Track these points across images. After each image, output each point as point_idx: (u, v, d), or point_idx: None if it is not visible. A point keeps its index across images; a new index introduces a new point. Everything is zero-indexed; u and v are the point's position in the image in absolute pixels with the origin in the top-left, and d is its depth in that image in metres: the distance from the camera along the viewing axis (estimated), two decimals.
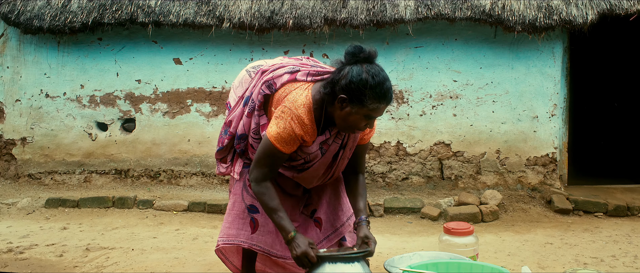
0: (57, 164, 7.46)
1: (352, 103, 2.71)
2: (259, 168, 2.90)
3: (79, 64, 7.37)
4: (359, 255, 2.84)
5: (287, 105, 2.82)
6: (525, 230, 5.60)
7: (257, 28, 6.68)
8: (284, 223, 2.87)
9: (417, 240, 5.29)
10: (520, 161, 6.79)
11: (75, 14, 6.94)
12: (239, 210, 3.17)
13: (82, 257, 4.65)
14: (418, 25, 6.62)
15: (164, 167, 7.30)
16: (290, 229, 2.85)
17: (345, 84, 2.70)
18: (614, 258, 4.63)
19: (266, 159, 2.88)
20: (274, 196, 2.90)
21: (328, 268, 2.78)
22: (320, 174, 3.12)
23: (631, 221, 5.94)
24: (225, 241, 3.17)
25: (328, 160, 3.07)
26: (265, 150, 2.87)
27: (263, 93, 2.98)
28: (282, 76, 2.99)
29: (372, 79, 2.69)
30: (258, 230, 3.16)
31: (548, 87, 6.71)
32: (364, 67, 2.72)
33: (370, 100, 2.70)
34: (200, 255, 4.69)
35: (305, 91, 2.87)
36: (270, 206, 2.89)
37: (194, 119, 7.23)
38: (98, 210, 6.54)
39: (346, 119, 2.78)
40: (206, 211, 6.42)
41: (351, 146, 3.11)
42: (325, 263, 2.80)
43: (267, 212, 2.92)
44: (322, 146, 2.98)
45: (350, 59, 2.78)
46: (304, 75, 2.96)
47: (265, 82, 2.99)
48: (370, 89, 2.68)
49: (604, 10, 6.29)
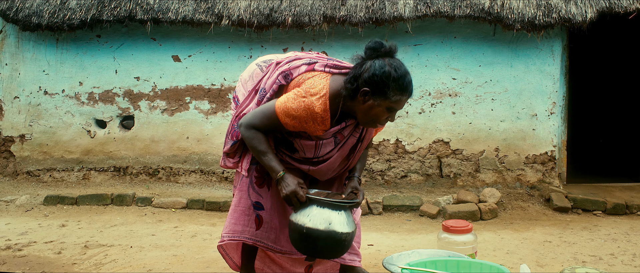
0: (56, 162, 7.45)
1: (375, 95, 2.77)
2: (252, 118, 2.95)
3: (78, 61, 7.36)
4: (347, 204, 2.91)
5: (303, 89, 2.87)
6: (524, 228, 5.60)
7: (256, 25, 6.67)
8: (273, 164, 2.93)
9: (415, 238, 5.29)
10: (519, 159, 6.79)
11: (73, 11, 6.93)
12: (244, 207, 3.17)
13: (80, 254, 4.64)
14: (417, 23, 6.62)
15: (162, 164, 7.29)
16: (279, 169, 2.92)
17: (368, 77, 2.76)
18: (612, 256, 4.63)
19: (262, 116, 2.93)
20: (263, 140, 2.95)
21: (315, 210, 2.85)
22: (335, 166, 3.14)
23: (630, 220, 5.94)
24: (231, 237, 3.17)
25: (345, 153, 3.11)
26: (267, 109, 2.93)
27: (279, 83, 3.01)
28: (299, 67, 3.03)
29: (395, 72, 2.75)
30: (262, 227, 3.17)
31: (547, 86, 6.71)
32: (386, 61, 2.78)
33: (393, 92, 2.75)
34: (198, 253, 4.69)
35: (323, 80, 2.90)
36: (259, 149, 2.94)
37: (192, 116, 7.22)
38: (97, 207, 6.54)
39: (368, 113, 2.83)
40: (205, 208, 6.42)
41: (368, 139, 3.17)
42: (313, 205, 2.87)
43: (257, 155, 2.97)
44: (335, 135, 3.00)
45: (371, 54, 2.83)
46: (321, 66, 3.00)
47: (282, 73, 3.02)
48: (393, 81, 2.74)
49: (603, 8, 6.29)
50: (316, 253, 2.96)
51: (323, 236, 2.81)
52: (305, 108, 2.82)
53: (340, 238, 2.84)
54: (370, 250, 4.71)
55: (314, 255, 2.99)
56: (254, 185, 3.15)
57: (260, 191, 3.14)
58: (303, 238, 2.86)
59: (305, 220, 2.84)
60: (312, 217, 2.84)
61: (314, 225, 2.81)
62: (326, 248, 2.87)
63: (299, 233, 2.86)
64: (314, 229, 2.81)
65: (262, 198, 3.14)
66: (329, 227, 2.81)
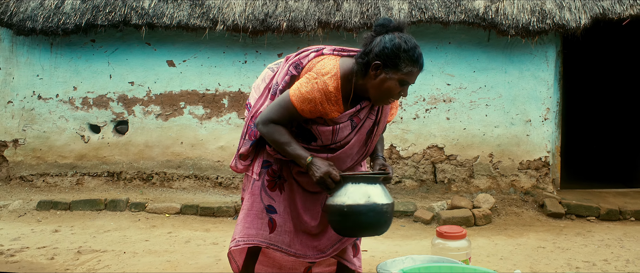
0: (49, 167, 7.42)
1: (386, 68, 2.77)
2: (268, 113, 2.92)
3: (72, 66, 7.35)
4: (381, 176, 2.89)
5: (314, 71, 2.88)
6: (518, 234, 5.60)
7: (250, 30, 6.67)
8: (299, 151, 2.89)
9: (410, 244, 5.29)
10: (513, 165, 6.80)
11: (68, 15, 6.92)
12: (257, 210, 3.15)
13: (73, 260, 4.62)
14: (412, 28, 6.62)
15: (156, 170, 7.28)
16: (306, 154, 2.88)
17: (379, 50, 2.77)
18: (606, 262, 4.64)
19: (278, 108, 2.91)
20: (283, 132, 2.92)
21: (351, 187, 2.80)
22: (354, 152, 3.12)
23: (623, 226, 5.95)
24: (247, 241, 3.13)
25: (363, 137, 3.09)
26: (281, 100, 2.91)
27: (291, 74, 3.01)
28: (308, 54, 3.05)
29: (405, 44, 2.76)
30: (276, 230, 3.15)
31: (541, 91, 6.73)
32: (395, 34, 2.80)
33: (405, 63, 2.76)
34: (192, 258, 4.67)
35: (333, 61, 2.92)
36: (282, 141, 2.91)
37: (187, 121, 7.21)
38: (90, 212, 6.51)
39: (380, 87, 2.83)
40: (199, 214, 6.40)
41: (384, 122, 3.15)
42: (348, 183, 2.82)
43: (280, 147, 2.93)
44: (352, 118, 2.99)
45: (381, 30, 2.85)
46: (330, 50, 3.03)
47: (292, 64, 3.03)
48: (404, 52, 2.75)
49: (597, 14, 6.31)
50: (361, 230, 2.91)
51: (365, 210, 2.76)
52: (319, 89, 2.82)
53: (383, 210, 2.80)
54: (364, 255, 4.71)
55: (359, 233, 2.94)
56: (266, 188, 3.14)
57: (273, 195, 3.13)
58: (345, 218, 2.80)
59: (343, 198, 2.79)
60: (349, 194, 2.79)
61: (354, 201, 2.77)
62: (370, 224, 2.82)
63: (339, 213, 2.80)
64: (355, 205, 2.76)
65: (274, 201, 3.13)
66: (369, 200, 2.77)
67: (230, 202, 6.55)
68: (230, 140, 7.13)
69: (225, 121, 7.15)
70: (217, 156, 7.18)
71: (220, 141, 7.16)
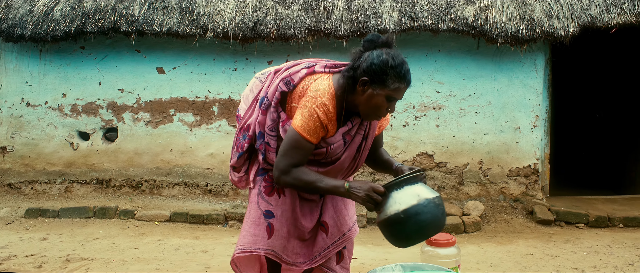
0: (38, 174, 7.38)
1: (374, 84, 2.77)
2: (284, 159, 2.85)
3: (61, 73, 7.32)
4: (419, 173, 2.85)
5: (312, 94, 2.83)
6: (508, 241, 5.62)
7: (241, 38, 6.67)
8: (332, 183, 2.83)
9: (399, 251, 5.28)
10: (502, 172, 6.83)
11: (57, 22, 6.89)
12: (255, 217, 3.12)
13: (61, 268, 4.59)
14: (401, 36, 6.65)
15: (146, 177, 7.25)
16: (341, 183, 2.81)
17: (366, 66, 2.77)
18: (594, 269, 4.66)
19: (292, 151, 2.84)
20: (307, 171, 2.85)
21: (397, 194, 2.76)
22: (345, 168, 3.11)
23: (612, 232, 5.98)
24: (242, 249, 3.08)
25: (353, 152, 3.08)
26: (292, 141, 2.84)
27: (280, 90, 2.97)
28: (299, 71, 3.00)
29: (393, 60, 2.75)
30: (274, 235, 3.12)
31: (530, 99, 6.76)
32: (383, 50, 2.79)
33: (392, 80, 2.76)
34: (181, 267, 4.66)
35: (326, 80, 2.89)
36: (312, 180, 2.83)
37: (176, 129, 7.20)
38: (79, 220, 6.48)
39: (368, 103, 2.82)
40: (188, 221, 6.38)
41: (372, 136, 3.14)
42: (392, 191, 2.77)
43: (312, 187, 2.85)
44: (344, 136, 2.98)
45: (369, 46, 2.84)
46: (321, 67, 2.99)
47: (283, 80, 2.98)
48: (392, 68, 2.75)
49: (585, 22, 6.36)
50: (425, 231, 2.79)
51: (421, 208, 2.71)
52: (322, 111, 2.80)
53: (437, 203, 2.76)
54: (354, 263, 4.71)
55: (424, 234, 2.82)
56: (263, 194, 3.11)
57: (270, 200, 3.10)
58: (405, 224, 2.72)
59: (395, 206, 2.72)
60: (399, 200, 2.73)
61: (407, 204, 2.71)
62: (431, 220, 2.74)
63: (398, 222, 2.72)
64: (410, 207, 2.70)
65: (271, 205, 3.10)
66: (420, 198, 2.72)
67: (220, 210, 6.54)
68: (220, 147, 7.12)
69: (215, 128, 7.14)
70: (207, 164, 7.16)
71: (210, 149, 7.14)
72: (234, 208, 6.52)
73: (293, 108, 2.96)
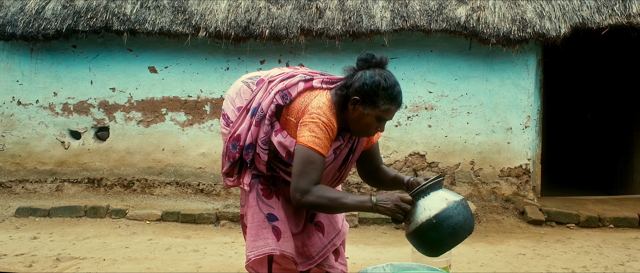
0: (29, 173, 7.35)
1: (365, 104, 2.78)
2: (302, 178, 2.77)
3: (53, 72, 7.29)
4: (441, 179, 2.83)
5: (316, 111, 2.82)
6: (499, 241, 5.64)
7: (233, 37, 6.66)
8: (357, 199, 2.76)
9: (391, 251, 5.29)
10: (494, 172, 6.85)
11: (49, 21, 6.87)
12: (259, 221, 3.09)
13: (52, 268, 4.57)
14: (394, 36, 6.66)
15: (137, 176, 7.23)
16: (367, 197, 2.75)
17: (358, 86, 2.78)
18: (585, 269, 4.68)
19: (308, 167, 2.78)
20: (328, 188, 2.80)
21: (424, 201, 2.73)
22: (329, 178, 3.10)
23: (602, 232, 6.00)
24: (257, 253, 3.06)
25: (338, 164, 3.07)
26: (305, 158, 2.78)
27: (276, 103, 2.96)
28: (296, 84, 2.98)
29: (385, 82, 2.77)
30: (282, 237, 3.11)
31: (522, 99, 6.78)
32: (376, 71, 2.81)
33: (383, 101, 2.77)
34: (172, 266, 4.65)
35: (325, 96, 2.89)
36: (336, 197, 2.76)
37: (168, 128, 7.18)
38: (70, 219, 6.45)
39: (359, 122, 2.84)
40: (180, 221, 6.37)
41: (359, 150, 3.13)
42: (420, 199, 2.74)
43: (337, 204, 2.77)
44: (335, 150, 2.98)
45: (363, 65, 2.85)
46: (319, 83, 2.98)
47: (279, 92, 2.97)
48: (383, 90, 2.76)
49: (576, 23, 6.38)
50: (459, 234, 2.73)
51: (451, 211, 2.68)
52: (328, 126, 2.81)
53: (465, 205, 2.73)
54: None
55: (458, 238, 2.75)
56: (262, 197, 3.10)
57: (270, 202, 3.08)
58: (438, 229, 2.67)
59: (426, 213, 2.69)
60: (428, 207, 2.70)
61: (437, 209, 2.68)
62: (464, 222, 2.71)
63: (431, 228, 2.67)
64: (440, 211, 2.67)
65: (273, 208, 3.08)
66: (449, 202, 2.70)
67: (212, 209, 6.53)
68: (212, 147, 7.11)
69: (207, 127, 7.13)
70: (198, 163, 7.15)
71: (202, 148, 7.13)
72: (225, 208, 6.51)
73: (289, 121, 2.95)
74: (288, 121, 2.95)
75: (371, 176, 3.30)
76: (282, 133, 2.93)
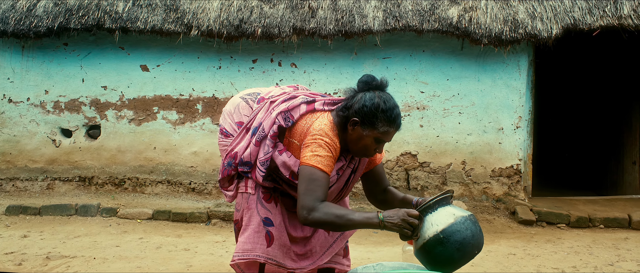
0: (19, 171, 7.32)
1: (364, 125, 2.84)
2: (308, 196, 2.78)
3: (44, 69, 7.26)
4: (449, 195, 2.81)
5: (318, 132, 2.87)
6: (489, 241, 5.65)
7: (225, 36, 6.65)
8: (364, 214, 2.77)
9: (381, 250, 5.30)
10: (485, 172, 6.86)
11: (40, 18, 6.84)
12: (255, 224, 3.11)
13: (42, 266, 4.56)
14: (386, 36, 6.67)
15: (129, 175, 7.21)
16: (374, 214, 2.75)
17: (358, 107, 2.84)
18: (574, 269, 4.70)
19: (312, 185, 2.79)
20: (334, 206, 2.80)
21: (432, 217, 2.72)
22: (331, 199, 3.13)
23: (592, 233, 6.03)
24: (241, 256, 3.09)
25: (341, 185, 3.12)
26: (308, 176, 2.81)
27: (278, 124, 2.98)
28: (299, 106, 3.02)
29: (384, 104, 2.83)
30: (273, 244, 3.11)
31: (513, 100, 6.80)
32: (376, 93, 2.87)
33: (381, 123, 2.83)
34: (163, 265, 4.64)
35: (327, 118, 2.95)
36: (342, 213, 2.76)
37: (160, 126, 7.16)
38: (60, 217, 6.43)
39: (358, 143, 2.89)
40: (171, 219, 6.36)
41: (361, 170, 3.18)
42: (427, 214, 2.73)
43: (343, 220, 2.76)
44: (338, 171, 3.03)
45: (363, 87, 2.91)
46: (321, 104, 3.04)
47: (281, 114, 2.99)
48: (382, 112, 2.82)
49: (568, 25, 6.41)
50: (466, 250, 2.69)
51: (459, 226, 2.66)
52: (332, 147, 2.86)
53: (473, 220, 2.72)
54: None
55: (465, 254, 2.71)
56: (262, 200, 3.11)
57: (269, 207, 3.09)
58: (446, 244, 2.65)
59: (433, 229, 2.67)
60: (435, 222, 2.69)
61: (445, 224, 2.66)
62: (472, 237, 2.69)
63: (438, 243, 2.65)
64: (448, 226, 2.65)
65: (271, 213, 3.09)
66: (456, 217, 2.69)
67: (203, 208, 6.52)
68: (203, 146, 7.10)
69: (199, 126, 7.12)
70: (190, 162, 7.14)
71: (194, 147, 7.12)
72: (217, 207, 6.50)
73: (292, 143, 2.99)
74: (291, 143, 3.00)
75: (379, 199, 3.31)
76: (286, 153, 2.98)
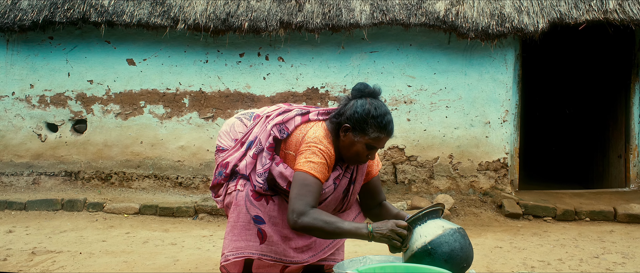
0: (4, 166, 7.26)
1: (355, 131, 2.89)
2: (299, 200, 2.78)
3: (29, 63, 7.20)
4: (439, 208, 2.85)
5: (312, 140, 2.91)
6: (476, 234, 5.67)
7: (212, 30, 6.62)
8: (353, 224, 2.78)
9: (368, 244, 5.25)
10: (472, 166, 6.89)
11: (25, 11, 6.78)
12: (244, 221, 3.10)
13: (27, 261, 4.53)
14: (373, 30, 6.66)
15: (115, 169, 7.17)
16: (363, 224, 2.77)
17: (350, 114, 2.90)
18: (560, 261, 4.73)
19: (304, 189, 2.80)
20: (323, 213, 2.79)
21: (420, 228, 2.74)
22: (331, 210, 3.14)
23: (578, 226, 6.07)
24: (236, 254, 3.07)
25: (339, 195, 3.14)
26: (301, 182, 2.82)
27: (273, 135, 3.02)
28: (293, 118, 3.07)
29: (375, 111, 2.88)
30: (266, 241, 3.11)
31: (500, 94, 6.83)
32: (368, 100, 2.92)
33: (372, 129, 2.87)
34: (149, 259, 4.62)
35: (321, 126, 2.99)
36: (331, 220, 2.76)
37: (147, 121, 7.13)
38: (46, 212, 6.39)
39: (350, 149, 2.93)
40: (158, 214, 6.34)
41: (360, 181, 3.20)
42: (416, 226, 2.76)
43: (332, 227, 2.75)
44: (334, 181, 3.06)
45: (356, 94, 2.97)
46: (315, 115, 3.09)
47: (276, 126, 3.04)
48: (373, 118, 2.87)
49: (554, 19, 6.43)
50: (454, 262, 2.70)
51: (447, 238, 2.69)
52: (327, 154, 2.89)
53: (463, 233, 2.75)
54: None
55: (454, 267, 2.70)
56: (251, 198, 3.10)
57: (258, 205, 3.08)
58: (434, 256, 2.67)
59: (421, 240, 2.70)
60: (424, 233, 2.71)
61: (433, 235, 2.69)
62: (460, 249, 2.70)
63: (426, 254, 2.68)
64: (436, 238, 2.68)
65: (260, 211, 3.08)
66: (445, 229, 2.71)
67: (190, 202, 6.50)
68: (190, 140, 7.07)
69: (185, 120, 7.09)
70: (177, 156, 7.11)
71: (181, 141, 7.09)
72: (204, 201, 6.49)
73: (288, 155, 3.03)
74: (287, 155, 3.04)
75: (374, 212, 3.35)
76: (283, 164, 3.01)
